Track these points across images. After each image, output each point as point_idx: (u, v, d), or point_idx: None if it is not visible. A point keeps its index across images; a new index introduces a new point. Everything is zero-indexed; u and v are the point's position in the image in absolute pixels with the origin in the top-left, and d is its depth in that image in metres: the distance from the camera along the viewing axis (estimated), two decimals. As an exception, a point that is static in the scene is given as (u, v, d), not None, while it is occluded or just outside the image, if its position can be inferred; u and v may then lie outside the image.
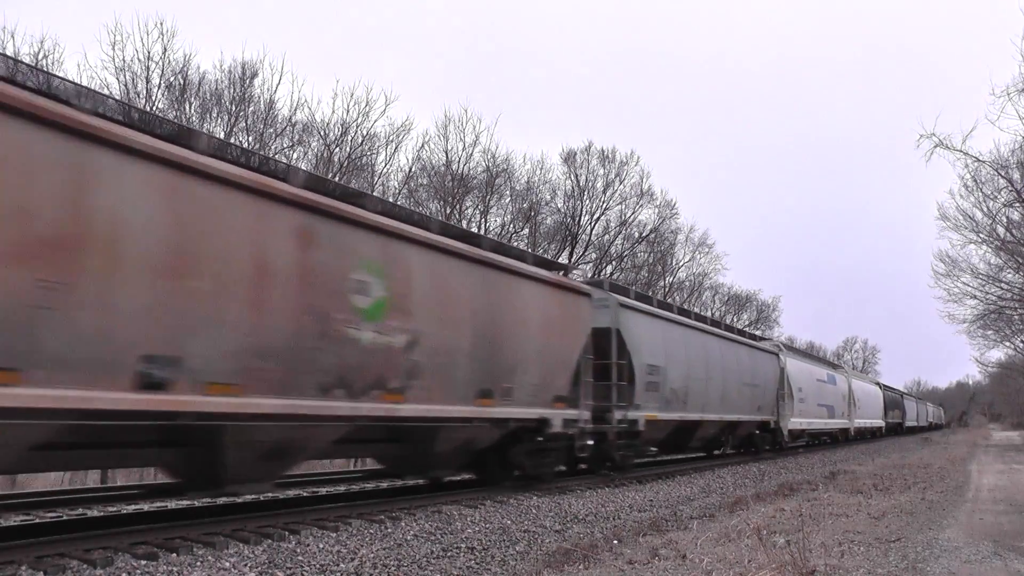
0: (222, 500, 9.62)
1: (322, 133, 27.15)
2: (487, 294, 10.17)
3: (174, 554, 6.27)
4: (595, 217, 37.37)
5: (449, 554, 7.21)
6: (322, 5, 71.85)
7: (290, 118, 26.15)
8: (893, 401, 50.65)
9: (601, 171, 37.24)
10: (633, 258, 40.14)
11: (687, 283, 45.65)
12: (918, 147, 19.14)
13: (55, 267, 5.38)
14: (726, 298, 52.43)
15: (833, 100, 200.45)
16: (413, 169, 30.67)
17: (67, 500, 9.11)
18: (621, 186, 37.56)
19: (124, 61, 22.53)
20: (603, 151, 37.23)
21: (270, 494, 10.36)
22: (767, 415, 22.45)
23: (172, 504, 9.50)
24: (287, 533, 7.30)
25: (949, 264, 32.15)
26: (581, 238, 36.96)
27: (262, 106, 25.68)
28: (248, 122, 25.48)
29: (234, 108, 25.03)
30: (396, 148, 29.46)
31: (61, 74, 17.87)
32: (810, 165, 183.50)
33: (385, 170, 29.64)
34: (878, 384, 48.58)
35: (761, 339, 26.92)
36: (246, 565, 6.14)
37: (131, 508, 9.07)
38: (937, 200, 48.53)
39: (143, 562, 5.95)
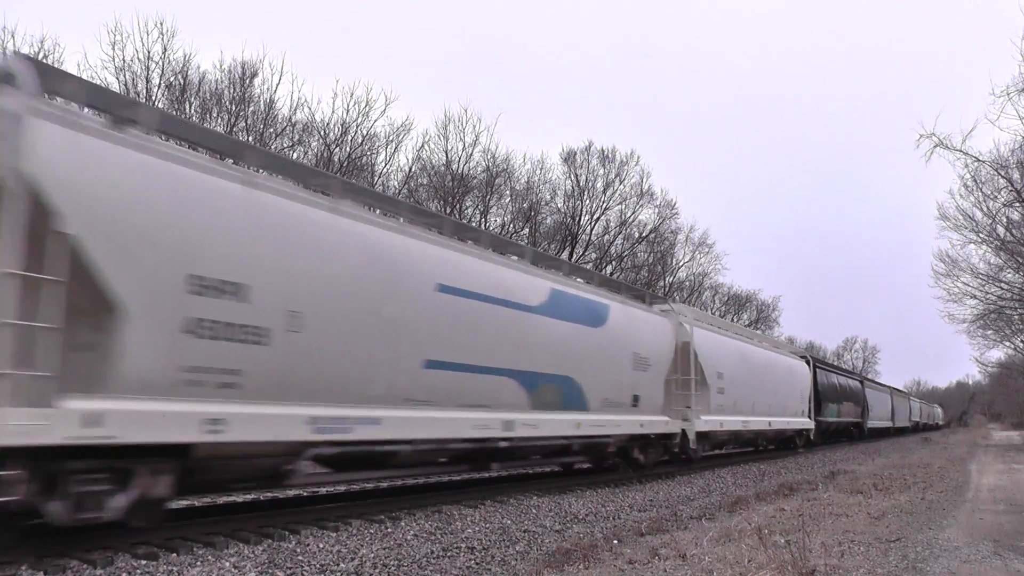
0: (222, 500, 9.62)
1: (322, 133, 27.19)
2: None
3: (174, 554, 6.27)
4: (595, 217, 37.45)
5: (449, 554, 7.21)
6: (322, 5, 71.85)
7: (290, 118, 26.21)
8: (839, 390, 32.77)
9: (601, 171, 37.33)
10: (633, 258, 40.16)
11: (687, 283, 45.71)
12: (918, 147, 19.19)
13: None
14: (726, 298, 52.52)
15: (833, 100, 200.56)
16: (413, 169, 30.73)
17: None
18: (621, 186, 37.67)
19: (124, 61, 22.62)
20: (603, 151, 37.34)
21: (269, 494, 10.38)
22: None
23: (172, 504, 9.47)
24: (287, 533, 7.30)
25: (949, 264, 32.18)
26: (581, 238, 37.02)
27: (262, 106, 25.74)
28: (248, 122, 25.51)
29: (234, 108, 25.05)
30: (396, 148, 29.54)
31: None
32: (810, 165, 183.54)
33: (385, 170, 29.70)
34: (809, 359, 28.92)
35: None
36: (246, 565, 6.14)
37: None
38: (937, 200, 48.59)
39: (143, 562, 5.95)
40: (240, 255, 6.85)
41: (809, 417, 26.27)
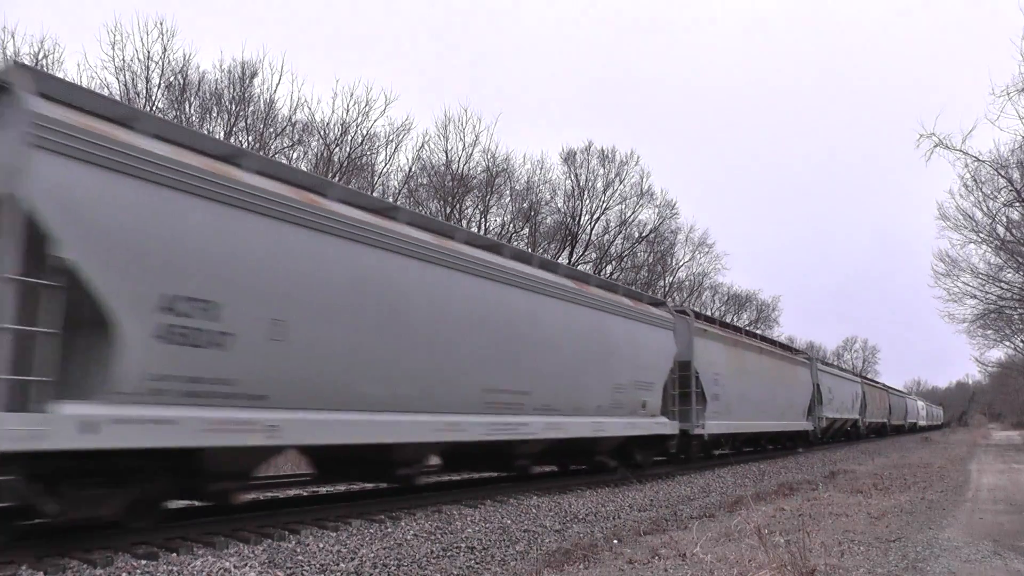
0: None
1: (322, 133, 27.17)
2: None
3: (174, 554, 6.27)
4: (595, 217, 37.42)
5: (449, 554, 7.21)
6: (322, 5, 71.86)
7: (290, 118, 26.17)
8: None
9: (601, 171, 37.30)
10: (633, 258, 40.16)
11: (687, 283, 45.71)
12: (918, 147, 19.19)
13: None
14: (726, 298, 52.52)
15: (833, 99, 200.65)
16: (413, 169, 30.69)
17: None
18: (621, 186, 37.63)
19: (124, 61, 22.58)
20: (603, 151, 37.29)
21: (270, 494, 10.38)
22: None
23: (171, 504, 9.47)
24: (287, 533, 7.30)
25: (949, 264, 32.20)
26: (581, 238, 37.00)
27: (262, 106, 25.70)
28: (248, 122, 25.49)
29: (234, 108, 25.03)
30: (396, 148, 29.49)
31: (61, 74, 17.87)
32: (810, 165, 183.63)
33: (385, 170, 29.68)
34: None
35: None
36: (246, 565, 6.14)
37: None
38: (937, 200, 48.62)
39: (143, 562, 5.94)
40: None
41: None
